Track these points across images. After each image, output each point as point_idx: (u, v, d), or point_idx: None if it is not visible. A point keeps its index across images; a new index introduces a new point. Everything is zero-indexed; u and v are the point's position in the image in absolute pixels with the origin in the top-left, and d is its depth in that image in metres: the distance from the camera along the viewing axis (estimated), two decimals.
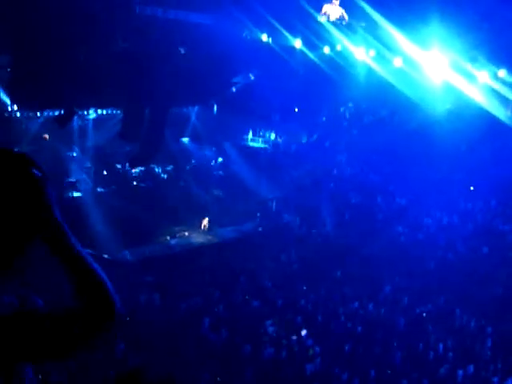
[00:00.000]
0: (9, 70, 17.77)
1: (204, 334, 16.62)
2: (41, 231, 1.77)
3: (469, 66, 22.90)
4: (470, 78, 23.05)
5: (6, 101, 18.73)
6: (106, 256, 19.21)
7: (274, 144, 26.67)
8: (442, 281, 19.82)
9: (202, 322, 16.83)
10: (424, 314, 18.59)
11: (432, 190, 23.16)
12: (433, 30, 21.73)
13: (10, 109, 19.13)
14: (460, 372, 15.95)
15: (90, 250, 18.52)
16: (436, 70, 23.09)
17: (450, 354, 16.86)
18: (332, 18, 22.88)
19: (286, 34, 23.12)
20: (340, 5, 23.17)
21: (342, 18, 23.06)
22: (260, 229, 21.95)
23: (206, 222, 21.98)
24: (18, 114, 19.83)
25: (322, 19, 22.86)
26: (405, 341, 17.15)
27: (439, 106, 24.23)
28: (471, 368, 16.19)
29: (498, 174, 22.82)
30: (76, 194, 20.71)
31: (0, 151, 1.75)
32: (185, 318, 17.10)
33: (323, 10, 23.05)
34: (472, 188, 23.85)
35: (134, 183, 22.43)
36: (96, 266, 1.86)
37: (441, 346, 17.10)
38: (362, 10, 22.52)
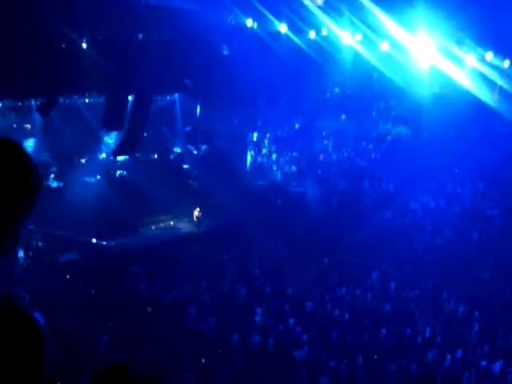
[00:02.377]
0: None
1: (191, 323, 16.51)
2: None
3: (456, 50, 22.75)
4: (457, 61, 22.91)
5: None
6: (92, 243, 19.10)
7: (260, 130, 26.47)
8: (429, 265, 19.81)
9: (189, 311, 16.72)
10: (411, 299, 18.55)
11: (419, 174, 23.07)
12: (419, 12, 21.55)
13: None
14: (448, 356, 15.94)
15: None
16: (423, 53, 22.93)
17: (438, 338, 16.84)
18: (316, 2, 22.61)
19: (272, 18, 22.86)
20: None
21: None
22: (247, 216, 21.79)
23: (197, 212, 21.80)
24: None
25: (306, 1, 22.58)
26: (392, 326, 17.12)
27: (426, 90, 24.11)
28: (459, 352, 16.19)
29: (485, 158, 22.77)
30: (59, 185, 20.45)
31: None
32: (172, 308, 16.99)
33: None
34: (456, 170, 23.76)
35: (118, 172, 22.20)
36: None
37: (428, 330, 17.08)
38: None
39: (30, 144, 20.24)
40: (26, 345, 1.70)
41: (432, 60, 22.96)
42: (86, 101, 21.94)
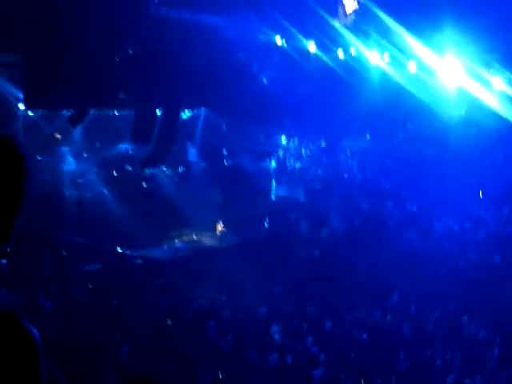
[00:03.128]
0: (21, 69, 17.82)
1: (210, 338, 16.62)
2: None
3: (483, 72, 22.72)
4: (485, 83, 22.86)
5: (17, 100, 18.82)
6: (116, 253, 19.33)
7: (286, 148, 26.57)
8: (451, 288, 19.64)
9: (207, 325, 16.83)
10: (431, 322, 18.44)
11: (444, 196, 22.96)
12: (447, 35, 21.60)
13: (21, 108, 19.21)
14: (467, 381, 15.80)
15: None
16: (450, 75, 22.93)
17: (457, 362, 16.71)
18: (348, 11, 22.68)
19: (301, 37, 23.04)
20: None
21: (355, 11, 22.86)
22: (269, 233, 21.87)
23: (220, 226, 21.96)
24: (30, 113, 19.92)
25: (335, 22, 22.71)
26: (412, 349, 17.04)
27: (453, 112, 24.03)
28: (479, 378, 16.04)
29: (511, 181, 22.61)
30: (86, 195, 20.78)
31: None
32: (191, 322, 17.12)
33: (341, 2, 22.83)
34: (481, 194, 23.60)
35: (144, 185, 22.47)
36: None
37: (448, 354, 16.95)
38: (376, 14, 22.41)
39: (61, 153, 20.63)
40: (21, 351, 1.68)
41: (459, 82, 22.95)
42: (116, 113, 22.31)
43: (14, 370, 1.65)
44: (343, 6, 22.84)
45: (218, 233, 22.00)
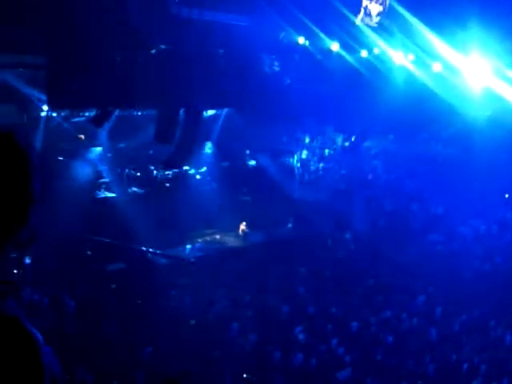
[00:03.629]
0: (44, 70, 17.90)
1: (233, 338, 16.54)
2: None
3: (509, 72, 22.45)
4: (511, 83, 22.59)
5: (41, 101, 18.91)
6: (139, 252, 19.36)
7: (309, 148, 26.45)
8: (477, 292, 19.39)
9: (231, 326, 16.75)
10: (457, 325, 18.20)
11: (470, 198, 22.70)
12: (472, 34, 21.38)
13: (45, 108, 19.29)
14: None
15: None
16: (476, 75, 22.69)
17: (484, 366, 16.46)
18: (373, 13, 22.52)
19: (323, 36, 22.92)
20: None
21: (380, 14, 22.68)
22: (292, 233, 21.78)
23: (243, 226, 21.95)
24: (55, 114, 20.01)
25: (359, 17, 22.52)
26: (438, 352, 16.82)
27: (479, 113, 23.76)
28: (505, 382, 15.79)
29: None
30: (109, 195, 20.83)
31: None
32: (214, 322, 17.06)
33: (364, 4, 22.67)
34: (507, 196, 23.31)
35: (167, 185, 22.50)
36: None
37: (474, 358, 16.71)
38: (401, 14, 22.24)
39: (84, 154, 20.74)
40: (22, 355, 1.66)
41: (485, 82, 22.70)
42: (139, 113, 22.35)
43: (16, 374, 1.64)
44: (368, 8, 22.68)
45: (240, 233, 21.97)
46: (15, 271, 14.94)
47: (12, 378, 1.63)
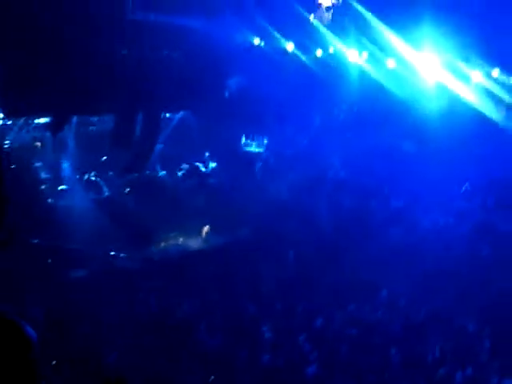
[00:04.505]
0: None
1: (200, 339, 16.50)
2: None
3: (462, 66, 22.90)
4: (464, 78, 23.04)
5: None
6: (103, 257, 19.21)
7: (269, 147, 26.54)
8: (439, 283, 19.70)
9: (198, 327, 16.72)
10: (421, 316, 18.46)
11: (428, 191, 23.04)
12: (425, 30, 21.75)
13: (0, 116, 18.99)
14: (459, 374, 15.84)
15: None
16: (429, 70, 23.09)
17: (448, 356, 16.74)
18: (325, 5, 22.77)
19: (279, 37, 23.07)
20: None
21: (334, 7, 22.94)
22: (255, 233, 21.83)
23: (206, 228, 21.93)
24: (9, 122, 19.71)
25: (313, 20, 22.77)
26: (403, 344, 17.04)
27: (433, 106, 24.16)
28: (470, 369, 16.08)
29: (493, 173, 22.77)
30: (68, 202, 20.61)
31: None
32: (181, 324, 17.00)
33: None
34: (464, 187, 23.75)
35: (127, 190, 22.35)
36: None
37: (438, 348, 16.97)
38: (355, 11, 22.51)
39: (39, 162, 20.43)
40: (17, 353, 1.70)
41: (438, 77, 23.11)
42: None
43: (10, 372, 1.66)
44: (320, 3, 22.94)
45: (204, 235, 21.93)
46: None
47: (6, 375, 1.66)
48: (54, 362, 13.90)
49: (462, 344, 17.45)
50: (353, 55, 23.49)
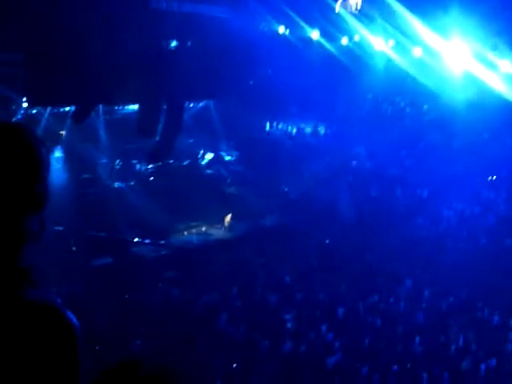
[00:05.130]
0: (22, 67, 17.78)
1: (222, 328, 16.55)
2: None
3: (490, 55, 22.53)
4: (492, 66, 22.68)
5: (20, 98, 18.82)
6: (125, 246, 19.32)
7: (293, 137, 26.47)
8: (463, 274, 19.51)
9: (219, 317, 16.77)
10: (445, 307, 18.31)
11: (453, 181, 22.79)
12: (453, 18, 21.42)
13: (25, 106, 19.20)
14: (483, 365, 15.68)
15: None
16: (457, 59, 22.76)
17: (473, 347, 16.58)
18: (349, 8, 22.63)
19: (303, 25, 22.93)
20: None
21: (356, 7, 22.81)
22: (278, 223, 21.82)
23: (228, 218, 21.96)
24: (34, 111, 19.91)
25: (338, 9, 22.61)
26: (426, 334, 16.91)
27: (460, 96, 23.85)
28: (494, 361, 15.91)
29: None
30: (92, 190, 20.78)
31: None
32: (203, 314, 17.06)
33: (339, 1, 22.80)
34: (491, 178, 23.43)
35: (151, 179, 22.48)
36: None
37: (462, 339, 16.82)
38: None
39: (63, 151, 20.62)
40: (61, 342, 1.73)
41: (466, 66, 22.78)
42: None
43: (53, 360, 1.70)
44: None
45: (227, 224, 21.97)
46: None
47: (50, 363, 1.69)
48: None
49: (486, 335, 17.27)
50: (379, 43, 23.26)
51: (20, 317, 1.68)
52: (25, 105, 19.07)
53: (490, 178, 23.63)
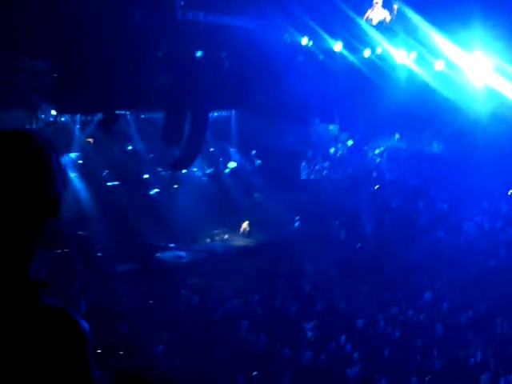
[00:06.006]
0: (51, 75, 18.11)
1: (243, 337, 16.75)
2: None
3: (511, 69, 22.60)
4: None
5: (48, 106, 19.13)
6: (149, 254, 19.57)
7: (315, 147, 26.64)
8: (483, 287, 19.56)
9: (240, 325, 16.97)
10: (464, 321, 18.37)
11: (474, 194, 22.86)
12: (475, 32, 21.52)
13: (53, 113, 19.51)
14: (502, 380, 15.73)
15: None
16: (478, 72, 22.84)
17: (492, 361, 16.63)
18: (375, 22, 22.79)
19: (326, 37, 23.08)
20: (383, 7, 23.04)
21: (383, 20, 22.95)
22: (299, 232, 21.98)
23: (245, 225, 22.18)
24: (63, 119, 20.24)
25: (362, 22, 22.78)
26: (445, 347, 17.00)
27: (482, 109, 23.91)
28: None
29: None
30: (117, 197, 21.06)
31: None
32: (224, 321, 17.28)
33: (366, 15, 22.96)
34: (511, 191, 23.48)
35: (175, 186, 22.76)
36: None
37: (481, 353, 16.87)
38: (403, 12, 22.39)
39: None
40: (73, 349, 1.70)
41: (488, 79, 22.85)
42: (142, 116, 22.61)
43: (64, 366, 1.68)
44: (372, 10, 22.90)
45: (249, 232, 22.19)
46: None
47: (61, 369, 1.68)
48: (99, 352, 14.28)
49: (506, 350, 17.30)
50: (401, 56, 23.38)
51: (36, 323, 1.67)
52: (53, 112, 19.39)
53: (510, 191, 23.67)
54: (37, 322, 1.68)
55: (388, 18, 22.79)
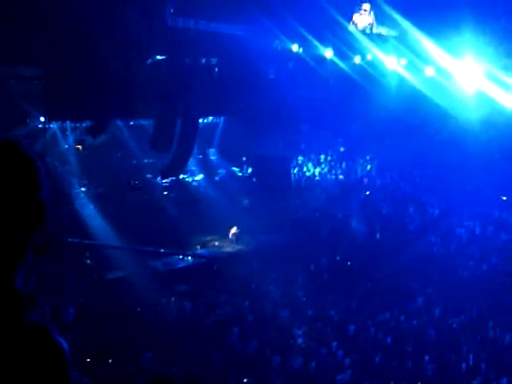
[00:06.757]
0: (41, 82, 18.08)
1: (233, 343, 16.63)
2: None
3: (502, 75, 22.69)
4: (504, 86, 22.82)
5: (39, 112, 19.08)
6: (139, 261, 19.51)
7: (304, 154, 26.63)
8: (475, 292, 19.53)
9: (231, 331, 16.85)
10: (456, 326, 18.31)
11: (465, 199, 22.88)
12: (465, 38, 21.62)
13: (43, 119, 19.46)
14: None
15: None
16: (469, 78, 22.92)
17: (483, 366, 16.55)
18: (360, 27, 22.87)
19: (317, 43, 23.13)
20: (370, 13, 23.15)
21: (370, 27, 23.04)
22: (290, 238, 21.92)
23: (234, 230, 22.12)
24: (52, 126, 20.18)
25: (351, 28, 22.87)
26: (437, 352, 16.91)
27: (472, 115, 23.98)
28: (505, 381, 15.87)
29: None
30: (107, 204, 20.97)
31: None
32: (214, 328, 17.16)
33: (353, 20, 23.06)
34: (504, 198, 23.51)
35: (165, 193, 22.70)
36: None
37: (473, 358, 16.79)
38: (394, 18, 22.49)
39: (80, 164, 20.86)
40: (51, 365, 1.69)
41: (478, 85, 22.93)
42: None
43: (42, 383, 1.67)
44: (356, 21, 23.00)
45: (238, 239, 22.11)
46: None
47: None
48: (88, 360, 14.17)
49: (497, 355, 17.24)
50: (391, 62, 23.44)
51: (14, 340, 1.65)
52: (42, 119, 19.34)
53: (501, 197, 23.70)
54: (15, 340, 1.65)
55: (374, 24, 22.88)
